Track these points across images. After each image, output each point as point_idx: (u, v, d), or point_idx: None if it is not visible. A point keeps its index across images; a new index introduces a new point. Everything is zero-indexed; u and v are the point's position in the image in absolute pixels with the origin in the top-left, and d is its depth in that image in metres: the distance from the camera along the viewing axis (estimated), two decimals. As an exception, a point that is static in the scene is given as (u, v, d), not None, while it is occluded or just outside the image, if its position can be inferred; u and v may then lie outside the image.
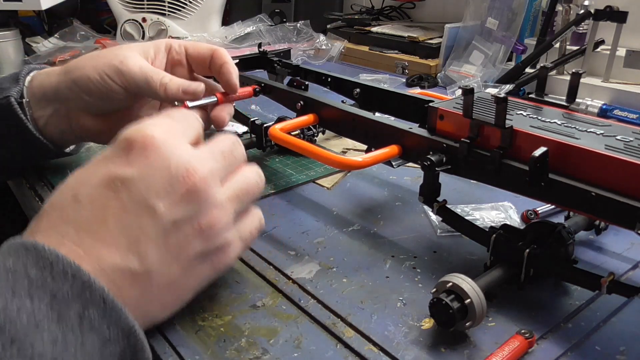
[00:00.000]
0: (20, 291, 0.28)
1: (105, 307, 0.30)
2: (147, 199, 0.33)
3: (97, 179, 0.33)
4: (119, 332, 0.31)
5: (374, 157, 0.46)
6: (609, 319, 0.38)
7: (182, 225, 0.33)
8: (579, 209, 0.37)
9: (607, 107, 0.78)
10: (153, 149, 0.34)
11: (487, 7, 1.01)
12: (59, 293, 0.29)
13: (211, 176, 0.35)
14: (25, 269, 0.29)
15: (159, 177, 0.33)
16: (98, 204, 0.33)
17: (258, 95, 0.65)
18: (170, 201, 0.33)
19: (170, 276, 0.34)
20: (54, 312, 0.29)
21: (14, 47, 1.10)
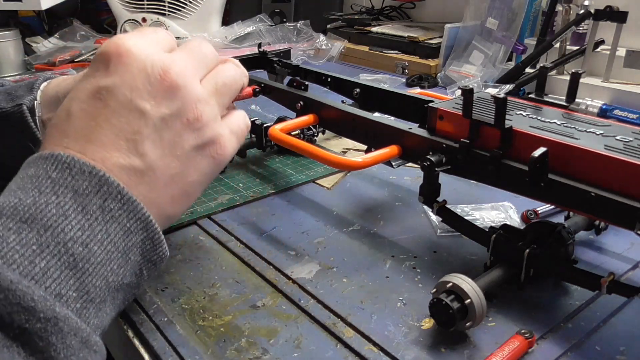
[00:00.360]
0: (45, 190, 0.31)
1: (122, 199, 0.33)
2: (133, 101, 0.35)
3: (84, 93, 0.36)
4: (138, 223, 0.34)
5: (374, 157, 0.46)
6: (609, 319, 0.38)
7: (170, 121, 0.36)
8: (578, 209, 0.37)
9: (607, 107, 0.78)
10: (128, 55, 0.36)
11: (487, 7, 1.01)
12: (79, 189, 0.32)
13: (187, 71, 0.37)
14: (47, 172, 0.32)
15: (138, 79, 0.36)
16: (89, 113, 0.35)
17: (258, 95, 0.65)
18: (155, 100, 0.36)
19: (171, 170, 0.37)
20: (78, 205, 0.32)
21: (14, 47, 1.10)
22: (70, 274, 0.30)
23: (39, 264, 0.29)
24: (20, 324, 0.27)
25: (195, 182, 0.39)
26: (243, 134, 0.42)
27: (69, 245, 0.30)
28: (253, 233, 0.50)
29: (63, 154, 0.33)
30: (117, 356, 0.44)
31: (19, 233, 0.29)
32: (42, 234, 0.30)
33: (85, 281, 0.31)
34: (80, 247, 0.31)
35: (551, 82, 0.95)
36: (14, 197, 0.31)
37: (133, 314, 0.39)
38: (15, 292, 0.27)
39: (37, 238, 0.30)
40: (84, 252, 0.31)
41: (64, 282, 0.30)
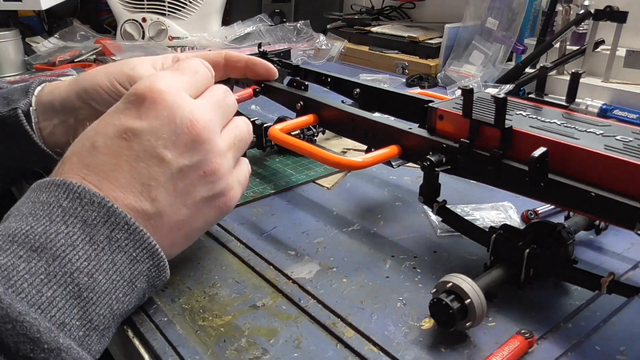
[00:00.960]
0: (55, 218, 0.33)
1: (128, 229, 0.35)
2: (156, 148, 0.37)
3: (112, 129, 0.37)
4: (144, 252, 0.35)
5: (374, 157, 0.46)
6: (609, 319, 0.38)
7: (188, 172, 0.38)
8: (578, 209, 0.37)
9: (607, 107, 0.78)
10: (160, 103, 0.37)
11: (487, 7, 1.01)
12: (88, 219, 0.33)
13: (212, 125, 0.39)
14: (58, 200, 0.34)
15: (166, 128, 0.37)
16: (113, 151, 0.37)
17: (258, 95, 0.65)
18: (177, 150, 0.37)
19: (179, 217, 0.38)
20: (86, 235, 0.33)
21: (14, 47, 1.10)
22: (75, 303, 0.31)
23: (45, 294, 0.30)
24: (25, 354, 0.28)
25: (199, 228, 0.41)
26: (247, 183, 0.44)
27: (75, 275, 0.32)
28: (253, 233, 0.50)
29: (75, 183, 0.34)
30: (117, 356, 0.44)
31: (29, 262, 0.31)
32: (50, 264, 0.31)
33: (89, 310, 0.32)
34: (86, 277, 0.32)
35: (551, 82, 0.95)
36: (25, 224, 0.32)
37: (133, 314, 0.39)
38: (23, 324, 0.28)
39: (46, 267, 0.31)
40: (88, 282, 0.32)
41: (68, 312, 0.31)
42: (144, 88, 0.38)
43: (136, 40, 1.26)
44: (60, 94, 0.54)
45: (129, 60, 0.52)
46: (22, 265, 0.30)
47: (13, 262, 0.30)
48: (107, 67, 0.52)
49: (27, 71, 1.11)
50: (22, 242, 0.31)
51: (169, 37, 1.27)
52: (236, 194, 0.42)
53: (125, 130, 0.37)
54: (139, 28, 1.27)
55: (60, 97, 0.53)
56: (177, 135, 0.37)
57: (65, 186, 0.34)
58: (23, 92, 0.55)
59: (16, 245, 0.31)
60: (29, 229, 0.32)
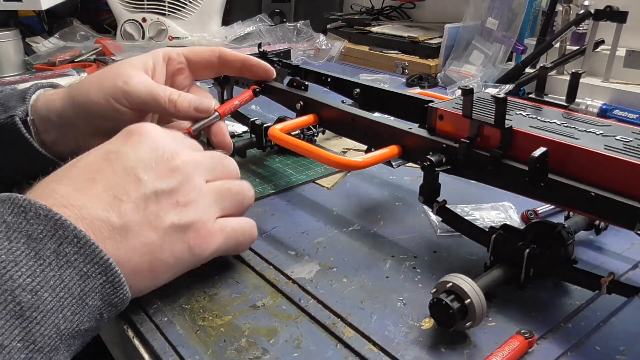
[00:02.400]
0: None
1: (78, 243, 0.32)
2: (135, 169, 0.37)
3: (97, 152, 0.39)
4: (96, 267, 0.33)
5: (374, 157, 0.46)
6: (609, 319, 0.38)
7: (161, 196, 0.37)
8: (578, 209, 0.37)
9: (607, 107, 0.79)
10: (148, 135, 0.39)
11: (487, 7, 1.01)
12: (34, 233, 0.32)
13: (194, 165, 0.40)
14: (2, 216, 0.32)
15: (148, 155, 0.38)
16: (92, 169, 0.37)
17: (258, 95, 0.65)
18: (155, 174, 0.38)
19: (144, 239, 0.36)
20: (31, 250, 0.31)
21: (14, 47, 1.10)
22: (16, 323, 0.29)
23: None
24: None
25: (165, 263, 0.38)
26: (237, 240, 0.42)
27: (16, 292, 0.30)
28: (253, 233, 0.50)
29: (20, 197, 0.33)
30: (117, 356, 0.45)
31: None
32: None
33: (32, 330, 0.30)
34: (29, 294, 0.30)
35: (551, 82, 0.95)
36: None
37: (133, 314, 0.39)
38: None
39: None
40: (32, 300, 0.30)
41: (8, 332, 0.29)
42: (134, 125, 0.40)
43: (136, 40, 1.26)
44: (56, 109, 0.53)
45: (121, 70, 0.51)
46: None
47: None
48: (99, 79, 0.51)
49: (27, 71, 1.11)
50: None
51: (169, 37, 1.27)
52: (211, 238, 0.40)
53: (109, 153, 0.38)
54: (139, 28, 1.27)
55: (56, 112, 0.53)
56: (157, 162, 0.38)
57: (10, 201, 0.33)
58: (20, 98, 0.54)
59: None
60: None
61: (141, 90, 0.50)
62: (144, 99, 0.50)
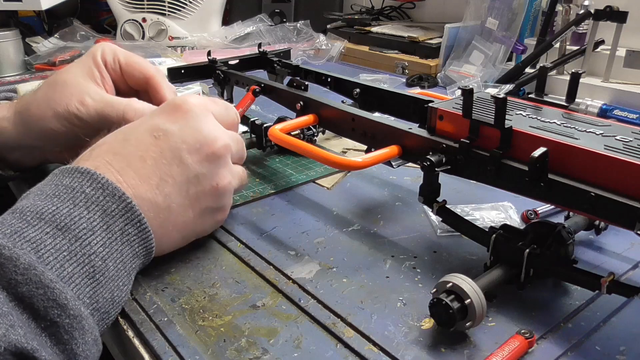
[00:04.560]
0: (79, 203, 0.35)
1: (140, 227, 0.38)
2: (180, 150, 0.41)
3: (144, 127, 0.42)
4: (144, 250, 0.39)
5: (374, 157, 0.46)
6: (609, 319, 0.38)
7: (202, 179, 0.42)
8: (578, 209, 0.37)
9: (607, 107, 0.79)
10: (192, 114, 0.42)
11: (487, 7, 1.01)
12: (108, 209, 0.36)
13: (229, 149, 0.44)
14: (82, 187, 0.36)
15: (192, 136, 0.41)
16: (142, 145, 0.40)
17: (258, 95, 0.65)
18: (198, 157, 0.41)
19: (184, 218, 0.42)
20: (104, 223, 0.36)
21: (14, 47, 1.10)
22: (88, 282, 0.34)
23: (67, 269, 0.33)
24: (53, 317, 0.30)
25: (196, 232, 0.45)
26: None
27: (91, 257, 0.34)
28: (253, 233, 0.50)
29: (99, 174, 0.37)
30: (117, 356, 0.45)
31: (54, 238, 0.33)
32: (72, 243, 0.34)
33: (98, 292, 0.34)
34: (100, 261, 0.35)
35: (551, 82, 0.95)
36: (51, 204, 0.35)
37: (133, 314, 0.39)
38: (54, 290, 0.31)
39: (68, 246, 0.33)
40: (101, 266, 0.35)
41: (82, 289, 0.33)
42: (180, 100, 0.43)
43: (136, 40, 1.26)
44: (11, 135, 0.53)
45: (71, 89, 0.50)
46: (48, 240, 0.33)
47: (41, 237, 0.33)
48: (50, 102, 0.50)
49: (27, 71, 1.11)
50: (49, 220, 0.34)
51: (169, 37, 1.27)
52: (227, 212, 0.47)
53: (157, 129, 0.41)
54: (139, 28, 1.27)
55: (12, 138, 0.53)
56: (201, 144, 0.41)
57: (89, 175, 0.37)
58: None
59: (43, 222, 0.33)
60: (54, 209, 0.34)
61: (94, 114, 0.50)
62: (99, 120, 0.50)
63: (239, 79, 0.70)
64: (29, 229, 0.33)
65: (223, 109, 0.46)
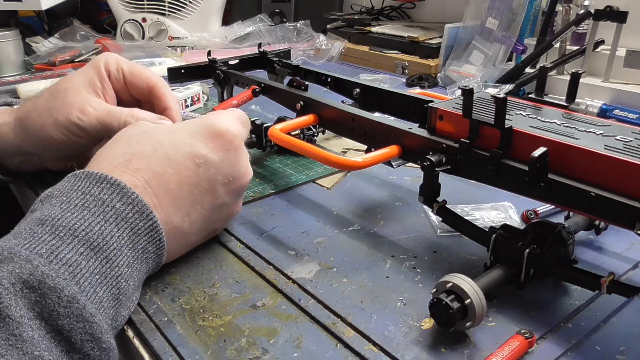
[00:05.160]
0: (109, 219, 0.35)
1: (159, 245, 0.38)
2: (215, 182, 0.42)
3: (186, 149, 0.41)
4: (155, 265, 0.40)
5: (374, 157, 0.46)
6: (609, 319, 0.38)
7: (224, 208, 0.44)
8: (578, 209, 0.37)
9: (607, 107, 0.78)
10: (234, 147, 0.43)
11: (487, 7, 1.01)
12: (136, 227, 0.36)
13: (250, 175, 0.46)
14: (112, 200, 0.36)
15: (230, 169, 0.43)
16: (182, 169, 0.41)
17: (258, 95, 0.65)
18: (227, 190, 0.43)
19: (198, 238, 0.45)
20: (131, 242, 0.36)
21: (14, 47, 1.10)
22: (113, 304, 0.34)
23: (98, 293, 0.33)
24: (87, 351, 0.31)
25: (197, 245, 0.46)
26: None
27: (119, 279, 0.35)
28: (253, 233, 0.50)
29: (129, 188, 0.37)
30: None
31: (88, 260, 0.33)
32: (104, 265, 0.34)
33: (119, 312, 0.35)
34: (124, 282, 0.35)
35: (551, 82, 0.95)
36: (82, 219, 0.34)
37: (133, 314, 0.39)
38: (92, 325, 0.31)
39: (100, 268, 0.33)
40: (125, 287, 0.35)
41: (108, 312, 0.34)
42: (224, 126, 0.43)
43: (136, 40, 1.26)
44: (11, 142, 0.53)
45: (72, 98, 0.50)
46: (83, 263, 0.33)
47: (76, 258, 0.32)
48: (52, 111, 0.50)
49: (27, 71, 1.11)
50: (83, 239, 0.33)
51: (169, 37, 1.27)
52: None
53: (199, 156, 0.41)
54: (139, 28, 1.27)
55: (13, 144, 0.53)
56: (234, 178, 0.43)
57: (119, 188, 0.36)
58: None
59: (77, 240, 0.33)
60: (87, 226, 0.34)
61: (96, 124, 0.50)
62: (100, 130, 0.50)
63: (239, 79, 0.70)
64: (63, 247, 0.32)
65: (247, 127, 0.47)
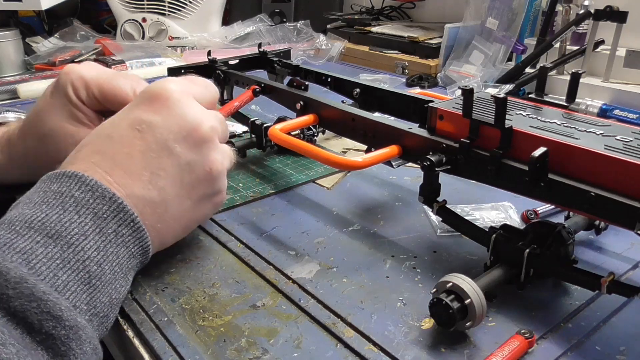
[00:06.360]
0: (68, 208, 0.34)
1: (133, 227, 0.37)
2: (167, 141, 0.39)
3: (126, 122, 0.39)
4: (140, 249, 0.38)
5: (374, 157, 0.46)
6: (609, 319, 0.38)
7: (195, 166, 0.40)
8: (578, 209, 0.37)
9: (607, 107, 0.78)
10: (173, 102, 0.40)
11: (487, 7, 1.01)
12: (99, 212, 0.35)
13: (216, 130, 0.42)
14: (70, 191, 0.35)
15: (177, 124, 0.39)
16: (127, 141, 0.38)
17: (258, 95, 0.65)
18: (186, 145, 0.40)
19: (182, 208, 0.41)
20: (97, 226, 0.35)
21: (14, 47, 1.10)
22: (84, 288, 0.33)
23: (60, 277, 0.32)
24: (48, 330, 0.30)
25: (197, 220, 0.44)
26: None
27: (86, 262, 0.33)
28: (253, 233, 0.50)
29: (87, 176, 0.36)
30: (117, 356, 0.44)
31: (46, 247, 0.32)
32: (65, 250, 0.33)
33: (95, 297, 0.34)
34: (95, 265, 0.34)
35: (551, 82, 0.95)
36: (40, 211, 0.34)
37: (133, 314, 0.39)
38: (47, 302, 0.30)
39: (60, 253, 0.32)
40: (97, 271, 0.34)
41: (79, 296, 0.33)
42: (158, 88, 0.40)
43: (136, 40, 1.26)
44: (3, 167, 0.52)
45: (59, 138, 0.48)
46: (39, 249, 0.32)
47: (31, 246, 0.32)
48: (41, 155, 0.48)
49: (27, 71, 1.11)
50: (39, 229, 0.33)
51: (169, 37, 1.27)
52: (225, 194, 0.45)
53: (140, 122, 0.39)
54: (139, 28, 1.27)
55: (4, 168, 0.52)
56: (188, 131, 0.39)
57: (77, 178, 0.35)
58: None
59: (33, 231, 0.32)
60: (44, 217, 0.33)
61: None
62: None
63: (239, 79, 0.70)
64: (18, 239, 0.32)
65: (203, 88, 0.44)
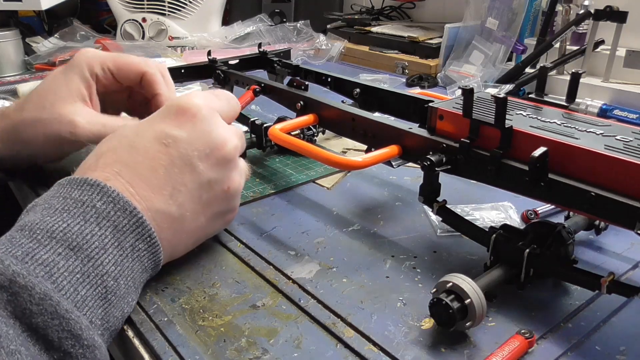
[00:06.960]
0: (89, 219, 0.34)
1: (150, 242, 0.37)
2: (191, 158, 0.40)
3: (151, 134, 0.40)
4: (153, 264, 0.38)
5: (374, 157, 0.46)
6: (609, 319, 0.38)
7: (214, 185, 0.41)
8: (578, 209, 0.37)
9: (607, 107, 0.78)
10: (200, 119, 0.40)
11: (487, 7, 1.01)
12: (119, 225, 0.35)
13: (238, 150, 0.43)
14: (92, 200, 0.35)
15: (202, 142, 0.40)
16: (151, 154, 0.39)
17: (258, 95, 0.65)
18: (209, 163, 0.40)
19: (196, 225, 0.42)
20: (116, 240, 0.35)
21: (14, 47, 1.10)
22: (100, 304, 0.33)
23: (80, 292, 0.32)
24: (66, 349, 0.30)
25: (207, 235, 0.45)
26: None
27: (104, 277, 0.34)
28: (253, 233, 0.50)
29: (109, 186, 0.36)
30: (117, 356, 0.44)
31: (67, 260, 0.32)
32: (85, 264, 0.33)
33: (109, 312, 0.34)
34: (112, 280, 0.34)
35: (551, 82, 0.95)
36: (61, 220, 0.34)
37: (133, 314, 0.39)
38: (69, 321, 0.30)
39: (81, 267, 0.33)
40: (113, 286, 0.34)
41: (95, 311, 0.33)
42: (185, 102, 0.41)
43: (136, 40, 1.26)
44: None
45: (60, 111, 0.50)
46: (61, 262, 0.32)
47: (53, 258, 0.32)
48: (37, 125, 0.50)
49: (27, 71, 1.11)
50: (61, 239, 0.33)
51: (169, 37, 1.27)
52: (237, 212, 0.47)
53: (165, 136, 0.39)
54: (139, 28, 1.27)
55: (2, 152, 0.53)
56: (211, 149, 0.40)
57: (99, 188, 0.36)
58: None
59: (55, 241, 0.33)
60: (65, 227, 0.33)
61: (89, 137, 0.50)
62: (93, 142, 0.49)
63: (239, 79, 0.70)
64: (40, 249, 0.32)
65: (225, 102, 0.45)
